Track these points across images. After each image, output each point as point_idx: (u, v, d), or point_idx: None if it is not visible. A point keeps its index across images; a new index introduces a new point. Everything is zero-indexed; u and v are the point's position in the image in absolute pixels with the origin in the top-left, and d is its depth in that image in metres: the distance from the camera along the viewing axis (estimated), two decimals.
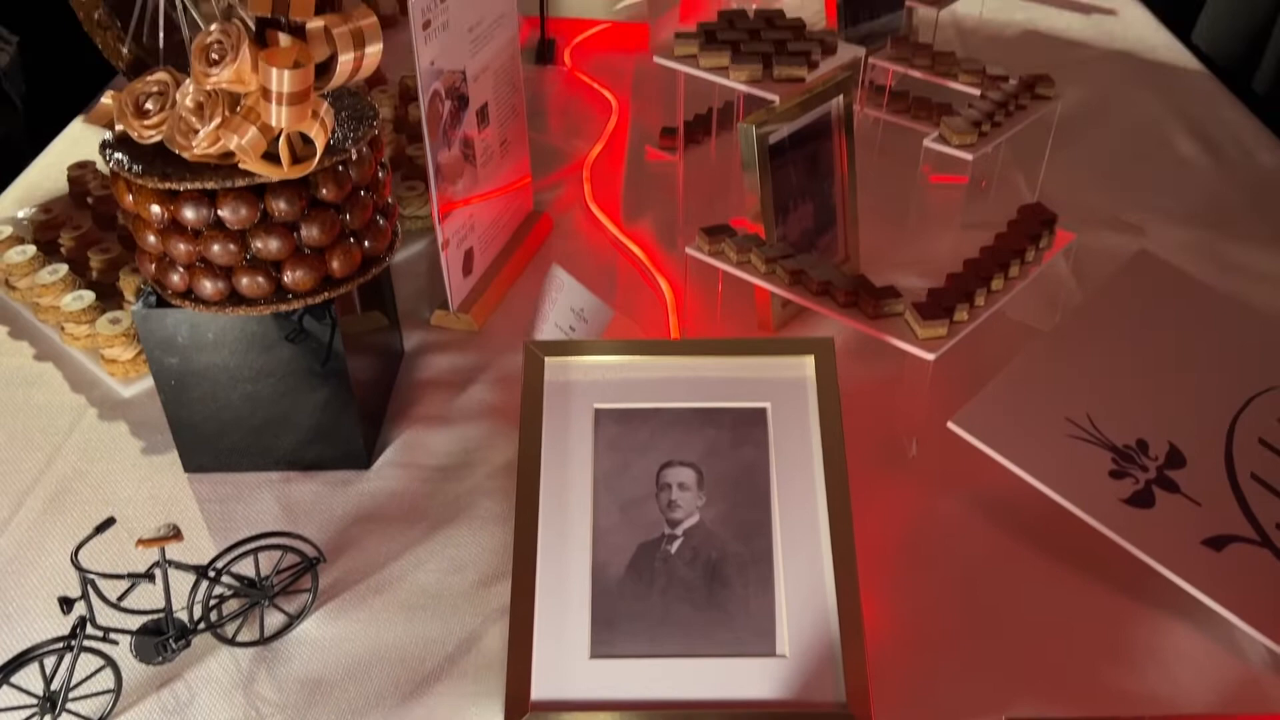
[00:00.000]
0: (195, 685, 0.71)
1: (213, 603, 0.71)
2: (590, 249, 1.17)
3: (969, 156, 0.98)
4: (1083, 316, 0.91)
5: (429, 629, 0.75)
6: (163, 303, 0.80)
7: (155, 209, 0.74)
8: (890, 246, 1.14)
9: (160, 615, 0.69)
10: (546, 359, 0.78)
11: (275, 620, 0.75)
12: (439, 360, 1.00)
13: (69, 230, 1.09)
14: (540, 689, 0.66)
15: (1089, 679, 0.71)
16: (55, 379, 0.98)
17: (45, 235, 1.11)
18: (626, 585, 0.69)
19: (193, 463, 0.88)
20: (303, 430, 0.87)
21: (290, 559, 0.76)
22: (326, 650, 0.73)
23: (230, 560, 0.72)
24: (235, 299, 0.77)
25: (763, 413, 0.76)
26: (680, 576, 0.70)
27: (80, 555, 0.66)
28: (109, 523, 0.68)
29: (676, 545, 0.71)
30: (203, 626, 0.71)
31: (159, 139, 0.74)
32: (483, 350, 1.01)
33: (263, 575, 0.74)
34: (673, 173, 1.29)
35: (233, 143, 0.69)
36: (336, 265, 0.79)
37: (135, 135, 0.74)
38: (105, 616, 0.67)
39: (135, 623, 0.69)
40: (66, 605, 0.65)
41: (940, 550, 0.81)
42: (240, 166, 0.72)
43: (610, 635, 0.68)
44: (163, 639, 0.69)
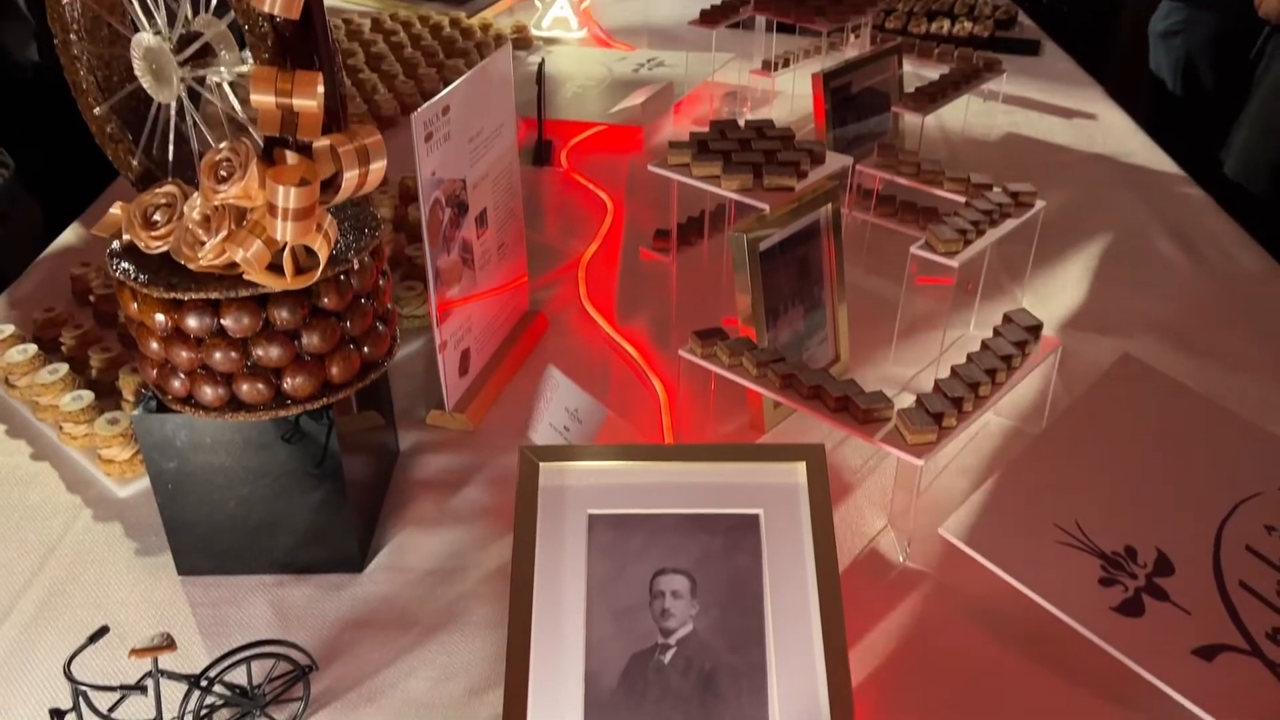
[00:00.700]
0: None
1: (204, 712, 0.71)
2: (585, 347, 1.19)
3: (955, 264, 1.00)
4: (1069, 421, 0.93)
5: None
6: (163, 407, 0.81)
7: (159, 317, 0.75)
8: (880, 348, 1.16)
9: None
10: (541, 464, 0.79)
11: None
12: (434, 460, 1.01)
13: (70, 329, 1.10)
14: None
15: None
16: (51, 479, 0.98)
17: (47, 334, 1.12)
18: (620, 696, 0.69)
19: (186, 565, 0.88)
20: (297, 532, 0.87)
21: (282, 667, 0.76)
22: None
23: (222, 670, 0.72)
24: (235, 405, 0.78)
25: (755, 519, 0.77)
26: (674, 688, 0.69)
27: (72, 664, 0.66)
28: (102, 632, 0.68)
29: (670, 655, 0.71)
30: None
31: (165, 249, 0.76)
32: (477, 450, 1.02)
33: (254, 684, 0.74)
34: (666, 272, 1.32)
35: (238, 255, 0.71)
36: (336, 371, 0.80)
37: (143, 245, 0.76)
38: None
39: None
40: (58, 717, 0.65)
41: (932, 658, 0.81)
42: (244, 277, 0.73)
43: None
44: None
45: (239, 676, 0.73)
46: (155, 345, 0.78)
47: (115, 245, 0.79)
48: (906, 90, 1.51)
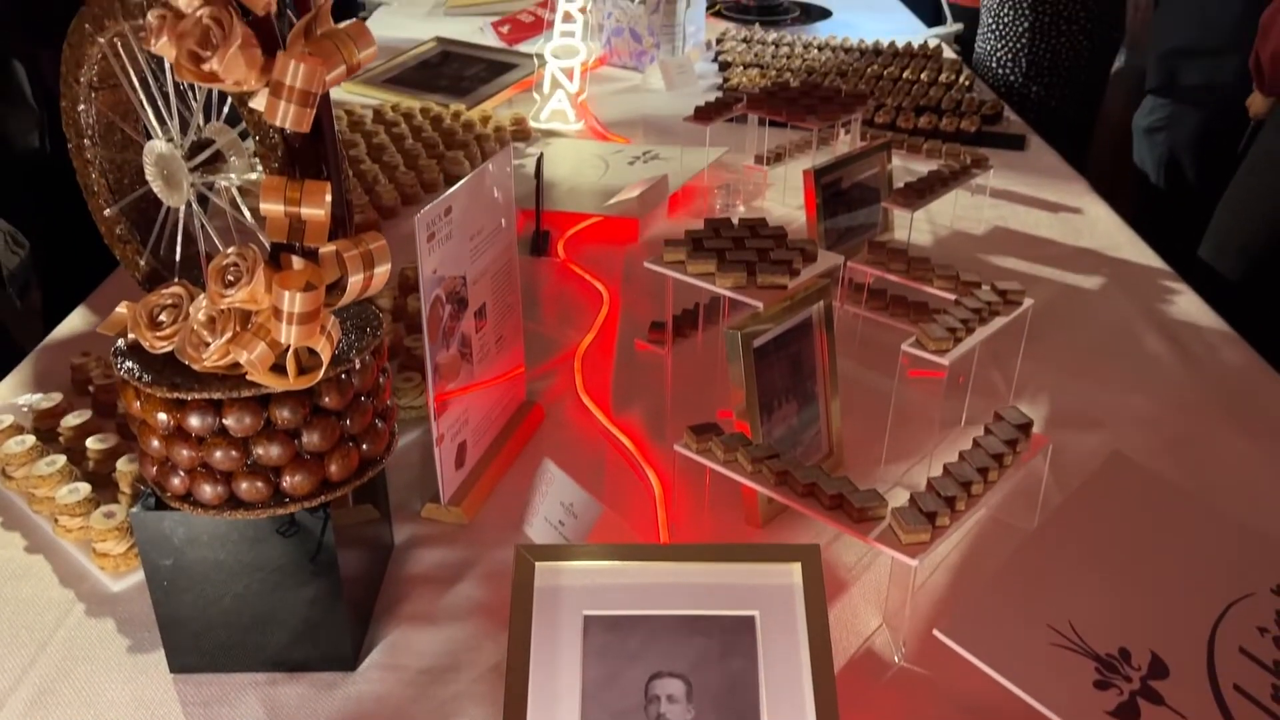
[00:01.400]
0: None
1: None
2: (581, 439, 1.20)
3: (946, 363, 1.02)
4: (1060, 521, 0.94)
5: None
6: (161, 504, 0.81)
7: (162, 416, 0.76)
8: (873, 442, 1.17)
9: None
10: (537, 564, 0.79)
11: None
12: (429, 555, 1.01)
13: (69, 419, 1.11)
14: None
15: None
16: (44, 572, 0.98)
17: (45, 423, 1.13)
18: None
19: (178, 663, 0.87)
20: (290, 628, 0.87)
21: None
22: None
23: None
24: (234, 503, 0.79)
25: (751, 621, 0.77)
26: None
27: None
28: None
29: None
30: None
31: (170, 349, 0.77)
32: (473, 544, 1.02)
33: None
34: (662, 364, 1.33)
35: (242, 358, 0.72)
36: (334, 469, 0.81)
37: (147, 345, 0.77)
38: None
39: None
40: None
41: None
42: (247, 377, 0.75)
43: None
44: None
45: None
46: (156, 443, 0.78)
47: (120, 343, 0.80)
48: (896, 185, 1.54)
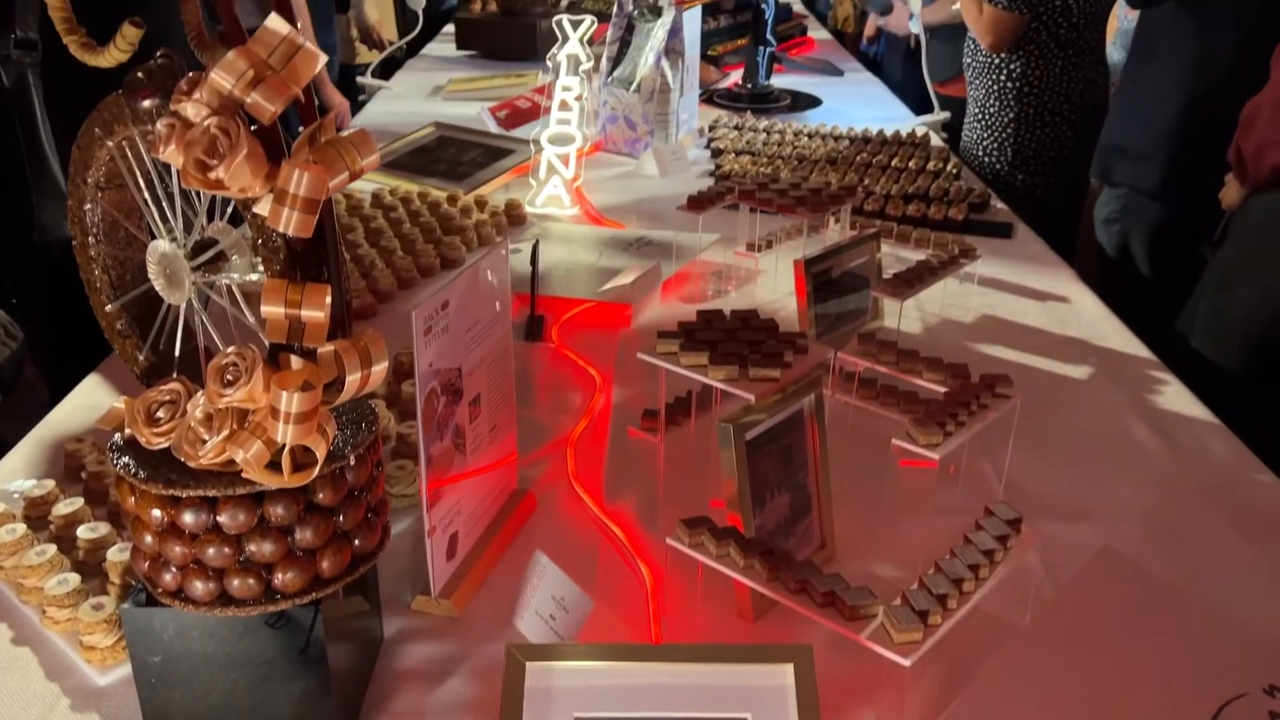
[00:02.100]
0: None
1: None
2: (572, 528, 1.20)
3: (936, 457, 1.03)
4: (1052, 618, 0.94)
5: None
6: (151, 600, 0.81)
7: (156, 513, 0.77)
8: (864, 533, 1.17)
9: None
10: (528, 664, 0.79)
11: None
12: (419, 649, 1.00)
13: (60, 507, 1.11)
14: None
15: None
16: (30, 665, 0.97)
17: (36, 511, 1.13)
18: None
19: None
20: None
21: None
22: None
23: None
24: (225, 600, 0.79)
25: None
26: None
27: None
28: None
29: None
30: None
31: (166, 445, 0.78)
32: (463, 638, 1.02)
33: None
34: (654, 451, 1.34)
35: (238, 456, 0.73)
36: (327, 565, 0.81)
37: (144, 441, 0.78)
38: None
39: None
40: None
41: None
42: (242, 475, 0.75)
43: None
44: None
45: None
46: (150, 539, 0.78)
47: (117, 438, 0.81)
48: (885, 272, 1.57)
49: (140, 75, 0.75)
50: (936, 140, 2.57)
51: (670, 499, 1.25)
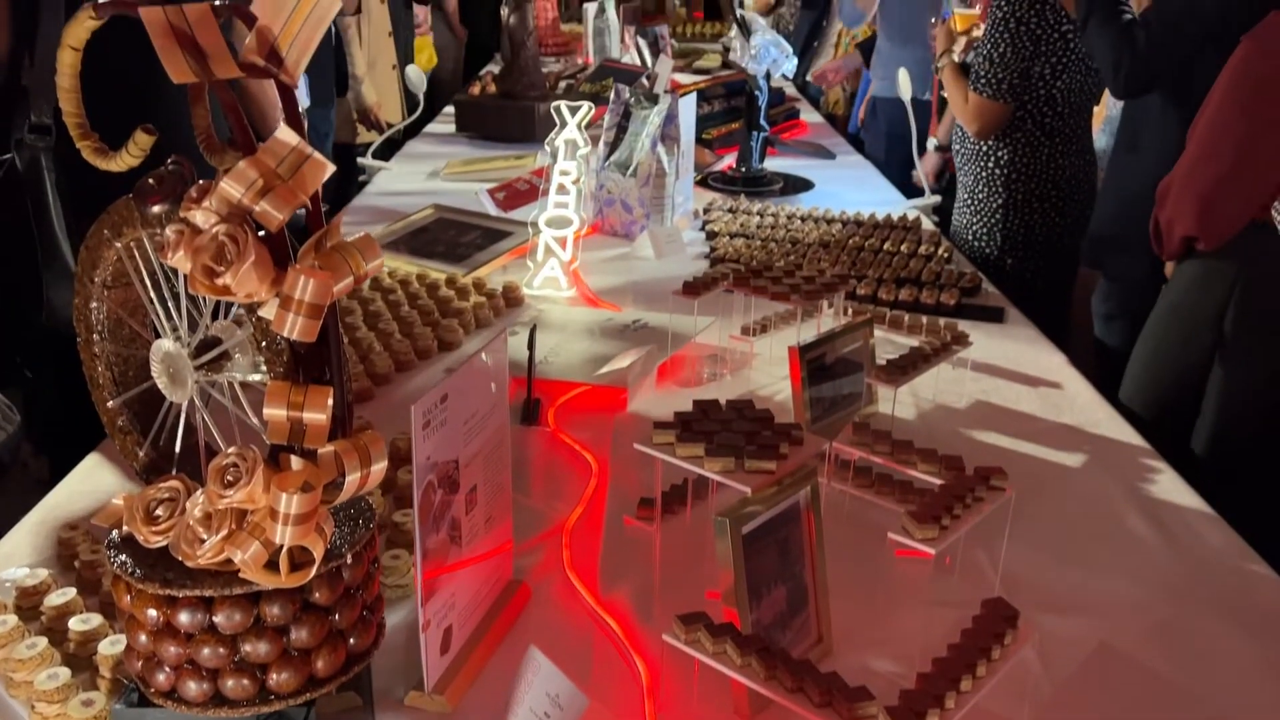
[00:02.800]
0: None
1: None
2: (567, 620, 1.19)
3: (932, 551, 1.03)
4: (1050, 719, 0.93)
5: None
6: (144, 700, 0.80)
7: (152, 612, 0.77)
8: (861, 625, 1.17)
9: None
10: None
11: None
12: None
13: (52, 599, 1.10)
14: None
15: None
16: None
17: (28, 601, 1.12)
18: None
19: None
20: None
21: None
22: None
23: None
24: (218, 700, 0.78)
25: None
26: None
27: None
28: None
29: None
30: None
31: (164, 543, 0.78)
32: None
33: None
34: (650, 539, 1.33)
35: (236, 556, 0.73)
36: (321, 665, 0.80)
37: (142, 539, 0.78)
38: None
39: None
40: None
41: None
42: (239, 574, 0.75)
43: None
44: None
45: None
46: (144, 639, 0.78)
47: (114, 535, 0.81)
48: (879, 358, 1.58)
49: (151, 181, 0.77)
50: (928, 224, 2.61)
51: (667, 589, 1.24)
